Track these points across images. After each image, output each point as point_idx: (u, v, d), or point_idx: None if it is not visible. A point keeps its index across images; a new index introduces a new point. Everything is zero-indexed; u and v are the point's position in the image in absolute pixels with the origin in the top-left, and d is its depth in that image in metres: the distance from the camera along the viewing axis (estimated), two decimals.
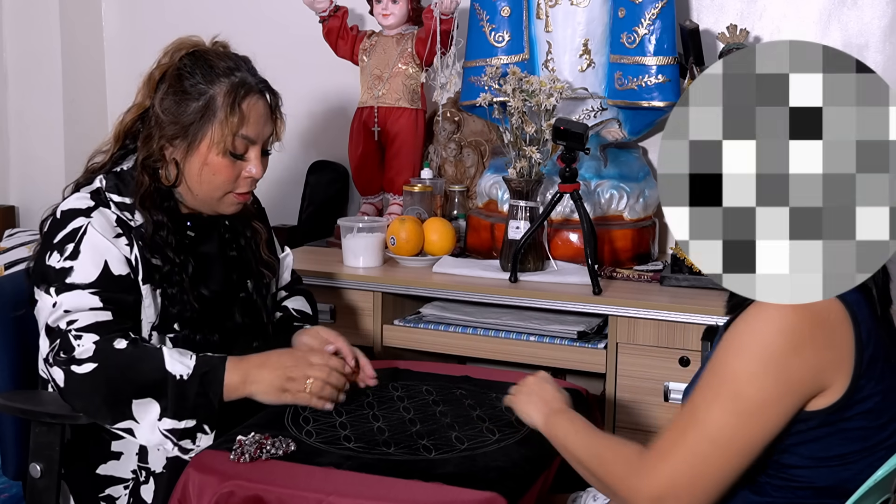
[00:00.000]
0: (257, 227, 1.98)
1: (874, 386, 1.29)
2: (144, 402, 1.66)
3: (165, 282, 1.77)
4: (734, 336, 1.29)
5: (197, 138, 1.77)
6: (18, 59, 3.42)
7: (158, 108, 1.78)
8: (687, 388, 1.47)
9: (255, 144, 1.81)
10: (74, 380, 1.65)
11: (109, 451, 1.75)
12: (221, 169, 1.79)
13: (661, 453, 1.32)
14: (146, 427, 1.67)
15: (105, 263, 1.71)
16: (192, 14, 3.25)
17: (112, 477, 1.75)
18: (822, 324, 1.26)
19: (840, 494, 1.29)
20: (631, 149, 2.71)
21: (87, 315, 1.68)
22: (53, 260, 1.71)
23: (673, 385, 2.16)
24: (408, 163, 2.81)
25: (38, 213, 3.37)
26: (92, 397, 1.66)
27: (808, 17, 2.72)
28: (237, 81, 1.77)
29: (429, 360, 2.34)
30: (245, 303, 1.92)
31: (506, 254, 2.45)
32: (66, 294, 1.68)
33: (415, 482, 1.48)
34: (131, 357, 1.66)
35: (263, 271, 1.97)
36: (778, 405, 1.26)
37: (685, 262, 2.35)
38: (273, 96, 1.85)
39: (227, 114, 1.75)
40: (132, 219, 1.77)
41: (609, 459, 1.40)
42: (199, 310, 1.81)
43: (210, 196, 1.82)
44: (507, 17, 2.62)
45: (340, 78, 3.08)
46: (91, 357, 1.65)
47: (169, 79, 1.78)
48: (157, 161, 1.80)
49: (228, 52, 1.84)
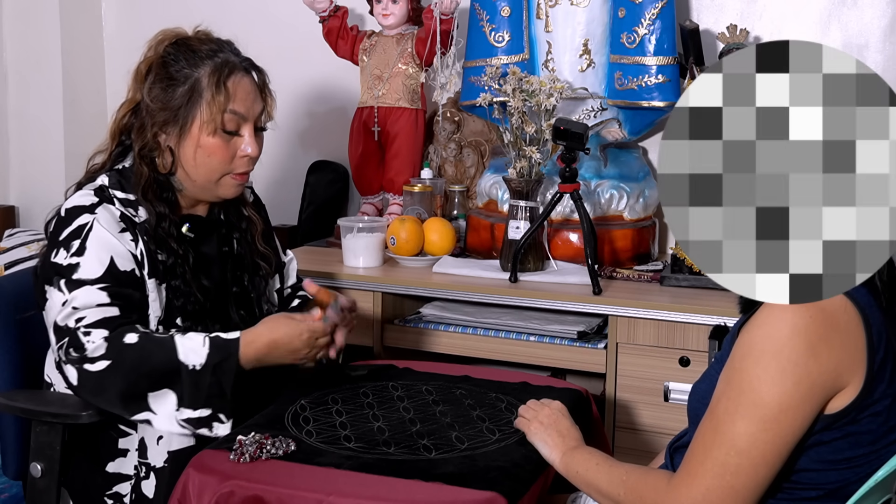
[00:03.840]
0: (252, 216, 1.98)
1: (885, 388, 1.28)
2: (161, 394, 1.67)
3: (170, 275, 1.78)
4: (748, 341, 1.28)
5: (187, 121, 1.78)
6: (18, 60, 3.42)
7: (147, 97, 1.80)
8: (695, 386, 1.47)
9: (246, 121, 1.82)
10: (89, 378, 1.66)
11: (117, 448, 1.76)
12: (216, 149, 1.80)
13: (690, 472, 1.31)
14: (163, 417, 1.68)
15: (111, 259, 1.72)
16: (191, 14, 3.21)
17: (119, 474, 1.76)
18: (835, 325, 1.26)
19: (844, 496, 1.29)
20: (631, 149, 2.71)
21: (95, 311, 1.68)
22: (60, 257, 1.72)
23: (673, 385, 2.15)
24: (408, 163, 2.81)
25: (38, 213, 3.42)
26: (108, 393, 1.66)
27: (808, 17, 2.72)
28: (220, 61, 1.80)
29: (429, 360, 2.34)
30: (239, 297, 1.92)
31: (506, 254, 2.45)
32: (76, 291, 1.69)
33: (415, 482, 1.48)
34: (143, 350, 1.67)
35: (260, 263, 1.97)
36: (800, 409, 1.25)
37: (685, 262, 2.35)
38: (259, 73, 1.86)
39: (213, 93, 1.77)
40: (136, 214, 1.78)
41: (637, 487, 1.39)
42: (202, 301, 1.82)
43: (208, 179, 1.82)
44: (507, 17, 2.62)
45: (340, 78, 3.08)
46: (104, 355, 1.66)
47: (155, 69, 1.81)
48: (153, 150, 1.81)
49: (211, 37, 1.86)
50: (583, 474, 1.51)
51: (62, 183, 3.40)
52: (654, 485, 1.37)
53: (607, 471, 1.47)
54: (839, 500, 1.31)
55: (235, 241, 1.94)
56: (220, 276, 1.90)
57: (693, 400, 1.46)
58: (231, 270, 1.92)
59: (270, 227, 2.07)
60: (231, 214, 1.94)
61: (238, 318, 1.90)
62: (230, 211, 1.94)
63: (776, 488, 1.32)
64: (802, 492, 1.33)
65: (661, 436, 2.22)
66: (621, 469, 1.45)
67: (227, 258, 1.92)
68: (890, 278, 1.35)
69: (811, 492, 1.33)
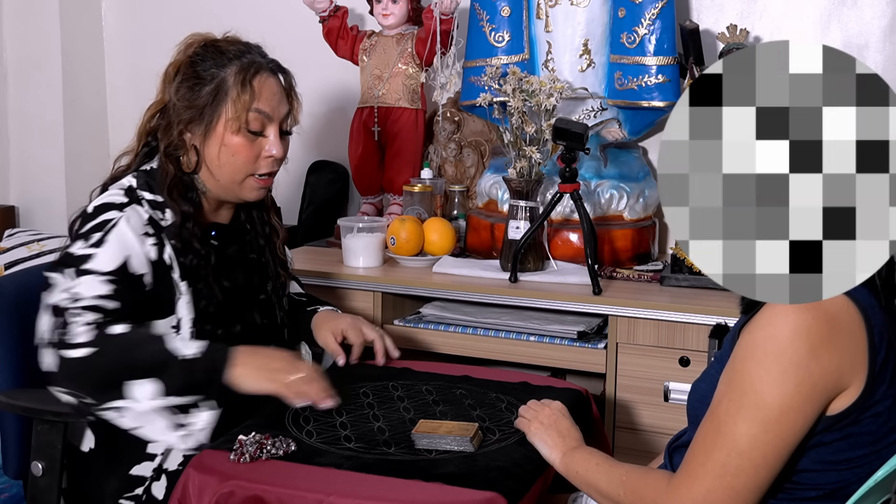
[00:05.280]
0: (276, 224, 1.99)
1: (886, 389, 1.28)
2: (139, 383, 1.63)
3: (193, 276, 1.78)
4: (751, 343, 1.28)
5: (213, 119, 1.79)
6: (18, 59, 3.42)
7: (174, 97, 1.81)
8: (695, 386, 1.47)
9: (271, 122, 1.83)
10: (67, 364, 1.63)
11: (145, 452, 1.74)
12: (240, 149, 1.80)
13: (691, 473, 1.31)
14: (142, 405, 1.64)
15: (125, 259, 1.71)
16: (191, 14, 3.25)
17: (140, 477, 1.75)
18: (837, 326, 1.26)
19: (844, 496, 1.29)
20: (631, 149, 2.71)
21: (93, 300, 1.67)
22: (76, 247, 1.71)
23: (673, 385, 2.15)
24: (408, 163, 2.81)
25: (39, 212, 3.43)
26: (84, 380, 1.64)
27: (808, 17, 2.72)
28: (247, 62, 1.81)
29: (429, 360, 2.34)
30: (264, 304, 1.93)
31: (506, 254, 2.45)
32: (81, 278, 1.68)
33: (415, 482, 1.48)
34: (129, 341, 1.65)
35: (280, 271, 1.99)
36: (801, 410, 1.25)
37: (685, 262, 2.35)
38: (285, 75, 1.88)
39: (238, 91, 1.78)
40: (163, 217, 1.78)
41: (637, 487, 1.39)
42: (223, 304, 1.82)
43: (231, 179, 1.83)
44: (507, 17, 2.62)
45: (340, 78, 3.09)
46: (88, 342, 1.63)
47: (183, 69, 1.82)
48: (178, 149, 1.82)
49: (239, 40, 1.87)
50: (583, 474, 1.51)
51: (62, 183, 3.40)
52: (653, 485, 1.37)
53: (607, 471, 1.47)
54: (839, 501, 1.31)
55: (260, 248, 1.95)
56: (246, 280, 1.91)
57: (693, 400, 1.46)
58: (258, 277, 1.93)
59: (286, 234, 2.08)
60: (256, 222, 1.95)
61: (261, 323, 1.90)
62: (255, 217, 1.95)
63: (777, 489, 1.32)
64: (803, 492, 1.33)
65: (661, 436, 2.22)
66: (621, 469, 1.45)
67: (252, 264, 1.93)
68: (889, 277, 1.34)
69: (811, 492, 1.33)
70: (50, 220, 3.40)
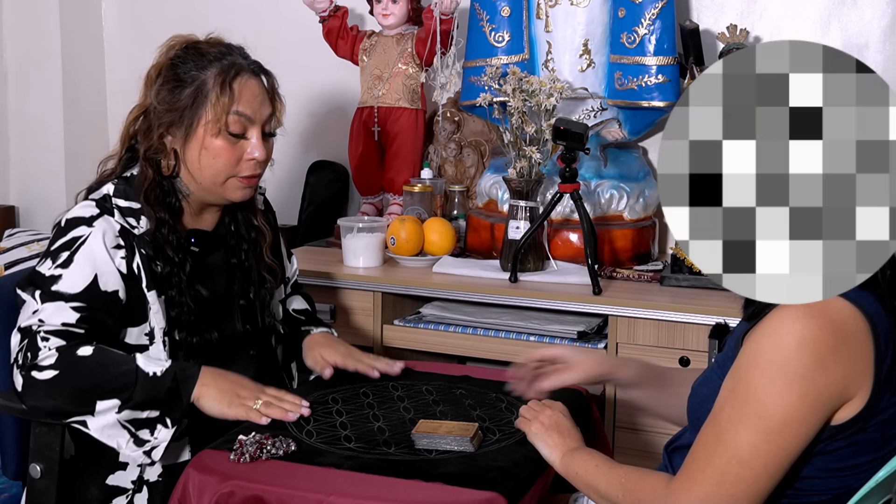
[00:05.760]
0: (262, 227, 1.96)
1: (891, 397, 1.27)
2: (105, 401, 1.64)
3: (166, 284, 1.77)
4: (755, 351, 1.27)
5: (193, 122, 1.76)
6: (18, 59, 3.42)
7: (155, 100, 1.79)
8: (695, 388, 1.46)
9: (253, 124, 1.80)
10: (34, 385, 1.63)
11: (118, 461, 1.73)
12: (221, 151, 1.78)
13: (690, 478, 1.30)
14: (100, 418, 1.64)
15: (95, 277, 1.69)
16: (191, 14, 3.25)
17: (118, 487, 1.74)
18: (844, 337, 1.24)
19: (846, 501, 1.28)
20: (631, 149, 2.71)
21: (59, 326, 1.66)
22: (44, 267, 1.70)
23: None
24: (408, 163, 2.81)
25: (39, 212, 3.43)
26: (47, 402, 1.63)
27: (808, 17, 2.72)
28: (227, 64, 1.78)
29: (429, 360, 2.34)
30: (245, 310, 1.91)
31: (506, 254, 2.45)
32: (48, 304, 1.67)
33: (415, 482, 1.48)
34: (96, 363, 1.64)
35: (265, 276, 1.95)
36: (805, 421, 1.24)
37: (685, 262, 2.35)
38: (268, 77, 1.85)
39: (218, 94, 1.76)
40: (136, 226, 1.76)
41: (636, 489, 1.39)
42: (197, 311, 1.80)
43: (212, 182, 1.80)
44: (507, 17, 2.62)
45: (340, 78, 3.09)
46: (53, 364, 1.62)
47: (164, 72, 1.80)
48: (158, 152, 1.80)
49: (221, 41, 1.84)
50: (582, 475, 1.50)
51: (62, 183, 3.40)
52: (652, 488, 1.36)
53: (606, 472, 1.47)
54: None
55: (244, 252, 1.92)
56: (226, 287, 1.89)
57: (693, 402, 1.46)
58: (239, 282, 1.91)
59: (279, 237, 2.04)
60: (241, 225, 1.93)
61: (243, 331, 1.89)
62: (240, 221, 1.93)
63: (779, 494, 1.31)
64: (805, 497, 1.32)
65: (661, 436, 2.22)
66: (620, 471, 1.45)
67: (234, 270, 1.91)
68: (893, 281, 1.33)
69: (814, 497, 1.32)
70: (50, 220, 3.34)
